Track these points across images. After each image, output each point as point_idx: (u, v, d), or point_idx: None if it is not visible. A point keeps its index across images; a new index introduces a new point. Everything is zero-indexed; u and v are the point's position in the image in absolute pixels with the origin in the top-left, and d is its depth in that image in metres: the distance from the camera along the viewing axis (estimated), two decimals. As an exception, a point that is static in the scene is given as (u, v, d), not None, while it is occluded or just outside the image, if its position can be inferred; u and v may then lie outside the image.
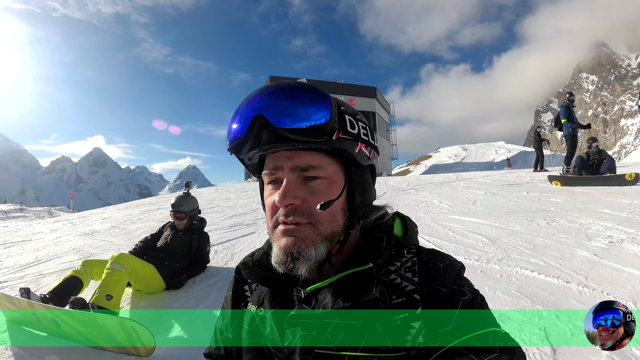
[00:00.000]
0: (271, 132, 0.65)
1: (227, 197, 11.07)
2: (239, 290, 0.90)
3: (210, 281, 3.74)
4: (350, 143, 0.70)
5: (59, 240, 6.51)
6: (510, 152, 67.60)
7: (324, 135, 0.66)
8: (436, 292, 0.67)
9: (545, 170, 12.40)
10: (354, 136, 0.70)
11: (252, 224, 6.37)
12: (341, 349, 0.65)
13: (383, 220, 0.78)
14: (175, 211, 4.11)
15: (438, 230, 4.85)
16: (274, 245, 0.71)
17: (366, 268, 0.69)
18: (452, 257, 0.74)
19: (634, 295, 2.59)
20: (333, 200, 0.69)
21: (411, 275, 0.69)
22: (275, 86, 0.69)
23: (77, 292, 3.15)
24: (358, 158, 0.72)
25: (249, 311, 0.83)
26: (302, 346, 0.69)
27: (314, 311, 0.70)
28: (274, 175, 0.71)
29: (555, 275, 3.00)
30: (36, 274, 4.28)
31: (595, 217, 4.86)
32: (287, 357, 0.71)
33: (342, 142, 0.68)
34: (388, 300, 0.67)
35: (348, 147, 0.70)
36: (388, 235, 0.74)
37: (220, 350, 0.91)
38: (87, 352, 2.55)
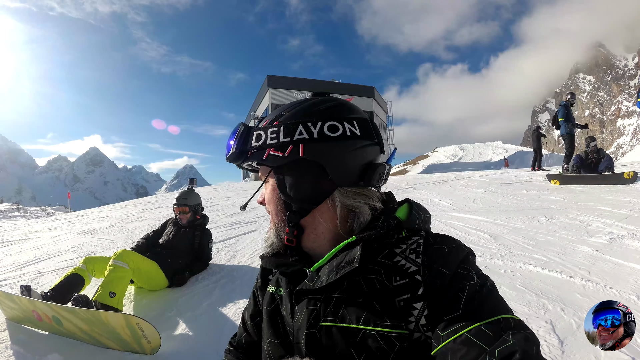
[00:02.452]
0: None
1: (226, 195, 11.05)
2: (264, 277, 0.97)
3: (213, 278, 3.72)
4: (259, 154, 0.79)
5: (58, 239, 6.46)
6: (508, 151, 67.73)
7: (246, 159, 0.82)
8: (438, 273, 0.66)
9: (543, 169, 12.42)
10: (258, 147, 0.80)
11: (252, 222, 6.36)
12: (344, 322, 0.68)
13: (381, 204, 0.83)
14: (179, 204, 4.09)
15: (440, 228, 4.85)
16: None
17: (350, 241, 0.73)
18: (461, 242, 0.74)
19: (637, 289, 2.60)
20: (248, 200, 0.97)
21: (415, 256, 0.70)
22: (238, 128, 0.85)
23: (79, 289, 3.12)
24: (270, 163, 0.79)
25: (268, 292, 0.88)
26: (308, 320, 0.72)
27: (314, 287, 0.74)
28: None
29: (558, 270, 3.02)
30: (35, 272, 4.24)
31: (595, 214, 4.88)
32: (295, 332, 0.75)
33: (254, 157, 0.80)
34: (385, 281, 0.68)
35: (258, 158, 0.80)
36: (386, 216, 0.76)
37: (252, 336, 0.97)
38: (90, 350, 2.52)
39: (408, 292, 0.66)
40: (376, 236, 0.72)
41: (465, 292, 0.63)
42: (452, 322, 0.61)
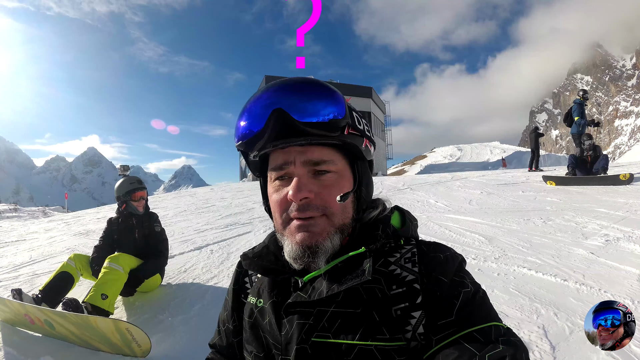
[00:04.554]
0: (288, 125, 0.66)
1: (222, 196, 11.04)
2: (240, 282, 0.91)
3: (206, 280, 3.71)
4: (358, 139, 0.73)
5: (54, 240, 6.45)
6: (505, 152, 67.97)
7: (338, 130, 0.68)
8: (436, 281, 0.66)
9: (540, 170, 12.42)
10: (360, 132, 0.73)
11: (248, 223, 6.35)
12: (338, 338, 0.65)
13: (379, 212, 0.79)
14: (140, 188, 3.70)
15: (435, 229, 4.85)
16: (287, 241, 0.72)
17: (359, 252, 0.70)
18: (453, 250, 0.74)
19: (631, 293, 2.59)
20: (350, 191, 0.71)
21: (411, 265, 0.70)
22: (290, 81, 0.70)
23: (69, 289, 3.11)
24: (364, 153, 0.74)
25: (248, 302, 0.84)
26: (298, 335, 0.69)
27: (309, 300, 0.70)
28: (283, 170, 0.71)
29: (552, 274, 3.01)
30: (30, 273, 4.23)
31: (591, 215, 4.88)
32: (284, 346, 0.71)
33: (352, 137, 0.71)
34: (386, 290, 0.67)
35: (357, 142, 0.72)
36: (384, 225, 0.75)
37: (222, 341, 0.92)
38: (82, 352, 2.52)
39: (405, 300, 0.65)
40: (381, 246, 0.72)
41: (460, 298, 0.64)
42: (445, 327, 0.61)
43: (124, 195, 3.65)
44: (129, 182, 3.70)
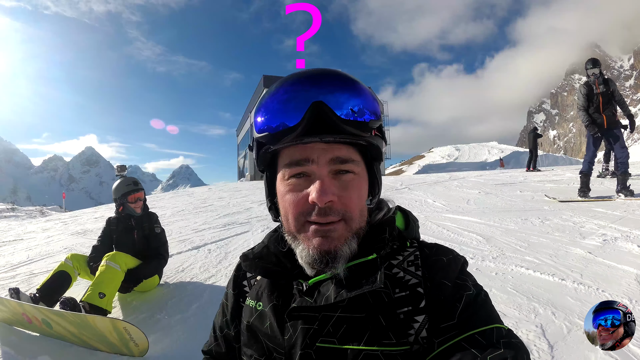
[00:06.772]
0: (324, 121, 0.62)
1: (220, 196, 11.02)
2: (239, 286, 0.88)
3: (203, 280, 3.70)
4: (381, 140, 0.71)
5: (51, 240, 6.44)
6: (503, 152, 68.12)
7: (370, 131, 0.67)
8: (440, 285, 0.66)
9: (538, 170, 12.46)
10: (382, 133, 0.72)
11: (245, 223, 6.34)
12: (344, 343, 0.64)
13: (384, 213, 0.78)
14: (138, 189, 3.68)
15: (432, 229, 4.85)
16: (301, 245, 0.68)
17: (370, 259, 0.68)
18: (455, 252, 0.74)
19: (629, 293, 2.59)
20: (377, 195, 0.72)
21: (414, 269, 0.69)
22: (327, 73, 0.67)
23: (66, 288, 3.10)
24: (383, 155, 0.73)
25: (247, 306, 0.82)
26: (303, 340, 0.67)
27: (316, 304, 0.68)
28: (301, 167, 0.66)
29: (550, 273, 3.01)
30: (28, 273, 4.22)
31: (589, 215, 4.89)
32: (287, 351, 0.69)
33: (376, 139, 0.69)
34: (391, 294, 0.66)
35: (380, 144, 0.70)
36: (390, 228, 0.74)
37: (220, 347, 0.90)
38: (80, 352, 2.51)
39: (409, 304, 0.65)
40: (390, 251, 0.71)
41: (462, 301, 0.64)
42: (447, 330, 0.61)
43: (120, 197, 3.64)
44: (125, 184, 3.69)
